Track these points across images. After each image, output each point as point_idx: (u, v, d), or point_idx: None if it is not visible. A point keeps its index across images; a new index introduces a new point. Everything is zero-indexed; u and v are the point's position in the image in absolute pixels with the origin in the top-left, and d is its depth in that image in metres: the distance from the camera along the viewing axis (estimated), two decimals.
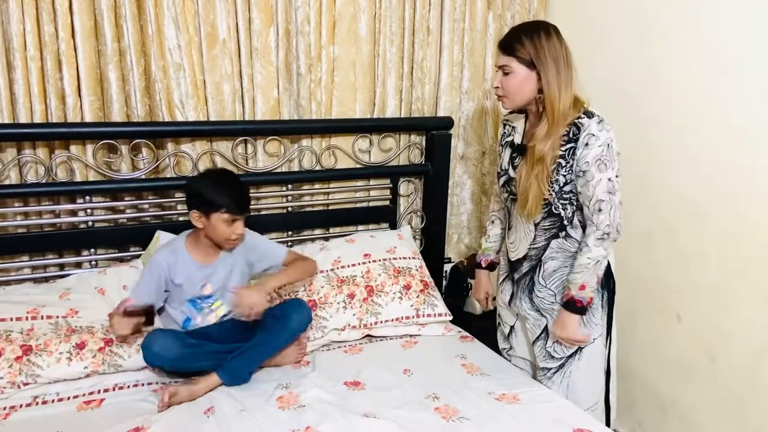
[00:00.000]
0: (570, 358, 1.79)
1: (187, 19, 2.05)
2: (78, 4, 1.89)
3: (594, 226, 1.64)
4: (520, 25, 1.73)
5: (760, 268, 1.88)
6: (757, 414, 1.92)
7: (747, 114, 1.87)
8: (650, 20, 2.16)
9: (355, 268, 2.20)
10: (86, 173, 2.03)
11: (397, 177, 2.51)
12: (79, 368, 1.72)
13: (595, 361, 1.80)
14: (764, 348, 1.89)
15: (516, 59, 1.64)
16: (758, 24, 1.81)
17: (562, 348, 1.78)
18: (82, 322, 1.81)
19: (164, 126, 2.06)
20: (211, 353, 1.78)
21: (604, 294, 1.77)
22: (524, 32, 1.65)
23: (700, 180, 2.03)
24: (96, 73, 1.97)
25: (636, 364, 2.30)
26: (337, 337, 2.07)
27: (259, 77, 2.20)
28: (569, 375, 1.80)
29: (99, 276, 1.97)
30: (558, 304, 1.76)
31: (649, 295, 2.23)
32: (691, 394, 2.12)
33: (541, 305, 1.80)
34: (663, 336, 2.20)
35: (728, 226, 1.96)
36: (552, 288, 1.77)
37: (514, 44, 1.64)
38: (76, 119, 1.97)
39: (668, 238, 2.15)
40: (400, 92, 2.47)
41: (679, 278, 2.12)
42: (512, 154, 1.81)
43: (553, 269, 1.76)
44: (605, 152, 1.60)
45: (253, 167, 2.26)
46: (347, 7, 2.28)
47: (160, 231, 2.06)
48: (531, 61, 1.62)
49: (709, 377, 2.05)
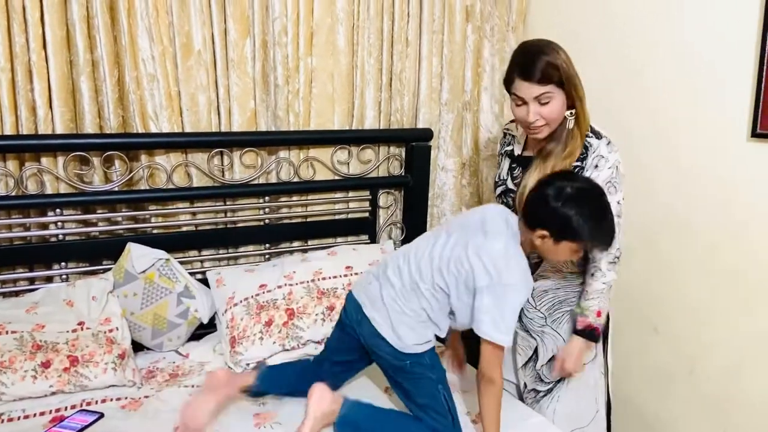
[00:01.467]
0: (559, 382, 1.76)
1: (161, 29, 2.03)
2: (50, 15, 1.87)
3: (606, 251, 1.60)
4: (537, 49, 1.58)
5: (738, 279, 1.88)
6: (736, 428, 1.90)
7: (729, 125, 1.87)
8: (631, 31, 2.17)
9: (336, 280, 2.17)
10: (57, 186, 2.00)
11: (377, 189, 2.50)
12: (44, 387, 1.69)
13: (584, 387, 1.76)
14: (743, 360, 1.88)
15: (553, 85, 1.54)
16: (741, 33, 1.82)
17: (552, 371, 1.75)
18: (48, 336, 1.77)
19: (138, 137, 2.03)
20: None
21: None
22: (546, 55, 1.54)
23: (680, 191, 2.03)
24: (68, 85, 1.94)
25: (616, 376, 2.28)
26: (314, 351, 2.04)
27: (235, 88, 2.18)
28: (558, 399, 1.76)
29: (68, 288, 1.94)
30: (549, 326, 1.73)
31: (629, 308, 2.22)
32: (672, 406, 2.10)
33: (530, 326, 1.76)
34: (643, 348, 2.19)
35: (707, 238, 1.96)
36: (542, 310, 1.74)
37: (548, 71, 1.53)
38: (47, 131, 1.93)
39: (648, 250, 2.14)
40: (379, 104, 2.46)
41: (659, 290, 2.11)
42: (512, 165, 1.78)
43: (544, 289, 1.74)
44: (614, 174, 1.58)
45: (230, 179, 2.23)
46: (325, 18, 2.27)
47: (131, 243, 2.02)
48: (561, 80, 1.55)
49: (688, 390, 2.04)
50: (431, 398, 1.59)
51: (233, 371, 1.91)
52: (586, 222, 1.45)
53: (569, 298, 1.74)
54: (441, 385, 1.61)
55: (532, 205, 1.54)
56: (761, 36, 1.74)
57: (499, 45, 2.63)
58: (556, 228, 1.48)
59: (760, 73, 1.75)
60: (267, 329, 2.00)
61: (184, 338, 2.11)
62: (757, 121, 1.78)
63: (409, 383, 1.62)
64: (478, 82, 2.63)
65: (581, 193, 1.48)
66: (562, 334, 1.74)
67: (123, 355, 1.84)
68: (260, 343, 1.97)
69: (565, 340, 1.73)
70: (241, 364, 1.95)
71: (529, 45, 1.63)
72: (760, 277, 1.83)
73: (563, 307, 1.74)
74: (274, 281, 2.12)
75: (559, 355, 1.70)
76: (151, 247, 2.06)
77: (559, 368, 1.70)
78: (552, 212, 1.47)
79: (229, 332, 2.01)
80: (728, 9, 1.84)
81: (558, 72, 1.53)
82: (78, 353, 1.76)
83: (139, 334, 2.03)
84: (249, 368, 1.91)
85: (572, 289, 1.74)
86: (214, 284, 2.14)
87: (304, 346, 2.02)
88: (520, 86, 1.56)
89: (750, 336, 1.87)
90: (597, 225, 1.48)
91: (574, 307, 1.72)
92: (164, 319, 2.03)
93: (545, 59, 1.53)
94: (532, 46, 1.62)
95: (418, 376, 1.60)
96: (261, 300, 2.06)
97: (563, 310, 1.74)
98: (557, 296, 1.73)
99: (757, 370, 1.85)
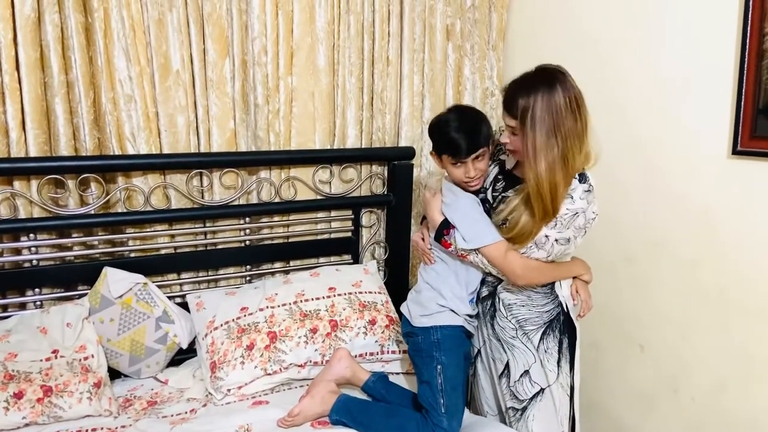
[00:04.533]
0: (532, 400, 1.73)
1: (138, 50, 2.00)
2: (23, 36, 1.83)
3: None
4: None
5: (718, 296, 1.88)
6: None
7: (710, 143, 1.88)
8: (609, 48, 2.18)
9: (319, 302, 2.14)
10: (31, 210, 1.95)
11: (359, 208, 2.47)
12: (17, 419, 1.63)
13: (550, 407, 1.73)
14: (725, 379, 1.88)
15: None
16: (720, 48, 1.83)
17: (525, 389, 1.73)
18: (20, 366, 1.71)
19: (115, 159, 1.99)
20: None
21: (563, 340, 1.72)
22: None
23: (661, 209, 2.03)
24: (42, 106, 1.90)
25: (600, 395, 2.27)
26: (297, 375, 2.00)
27: (214, 108, 2.15)
28: (533, 419, 1.73)
29: (41, 315, 1.88)
30: (519, 339, 1.71)
31: (612, 326, 2.22)
32: (656, 426, 2.08)
33: (502, 336, 1.75)
34: (627, 367, 2.18)
35: (687, 256, 1.96)
36: (512, 322, 1.72)
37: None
38: (20, 154, 1.88)
39: (629, 268, 2.14)
40: (360, 123, 2.44)
41: (642, 308, 2.11)
42: (497, 176, 1.76)
43: (509, 302, 1.72)
44: (569, 218, 1.58)
45: (209, 200, 2.20)
46: (305, 38, 2.26)
47: (108, 267, 1.97)
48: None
49: (672, 409, 2.03)
50: (431, 377, 1.70)
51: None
52: (435, 130, 1.72)
53: (533, 317, 1.72)
54: (441, 366, 1.69)
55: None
56: (740, 51, 1.75)
57: (479, 63, 2.64)
58: (433, 145, 1.73)
59: (740, 89, 1.76)
60: (248, 353, 1.95)
61: (163, 364, 2.06)
62: (737, 138, 1.78)
63: (417, 358, 1.78)
64: (459, 99, 2.63)
65: (441, 113, 1.76)
66: (531, 350, 1.72)
67: (99, 383, 1.78)
68: (241, 367, 1.93)
69: (535, 356, 1.71)
70: (221, 389, 1.90)
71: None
72: (742, 295, 1.83)
73: (527, 325, 1.72)
74: (255, 304, 2.08)
75: (513, 365, 1.73)
76: (129, 271, 2.01)
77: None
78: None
79: (209, 357, 1.96)
80: (707, 24, 1.86)
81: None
82: (52, 383, 1.70)
83: (116, 360, 1.98)
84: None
85: (537, 309, 1.72)
86: (194, 308, 2.10)
87: (286, 369, 1.98)
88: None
89: (729, 353, 1.87)
90: (441, 132, 1.69)
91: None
92: (142, 345, 1.98)
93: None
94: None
95: (425, 354, 1.73)
96: (242, 323, 2.02)
97: (528, 328, 1.72)
98: (521, 313, 1.72)
99: (740, 388, 1.85)
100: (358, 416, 1.73)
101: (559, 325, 1.72)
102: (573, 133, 1.52)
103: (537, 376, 1.72)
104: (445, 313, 1.74)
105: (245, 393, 1.92)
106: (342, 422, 1.73)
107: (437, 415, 1.66)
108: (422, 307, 1.77)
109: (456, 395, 1.70)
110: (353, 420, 1.73)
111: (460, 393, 1.73)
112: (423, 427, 1.67)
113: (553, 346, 1.70)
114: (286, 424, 1.71)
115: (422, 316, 1.76)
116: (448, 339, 1.73)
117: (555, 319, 1.73)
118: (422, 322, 1.76)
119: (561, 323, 1.72)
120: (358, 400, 1.81)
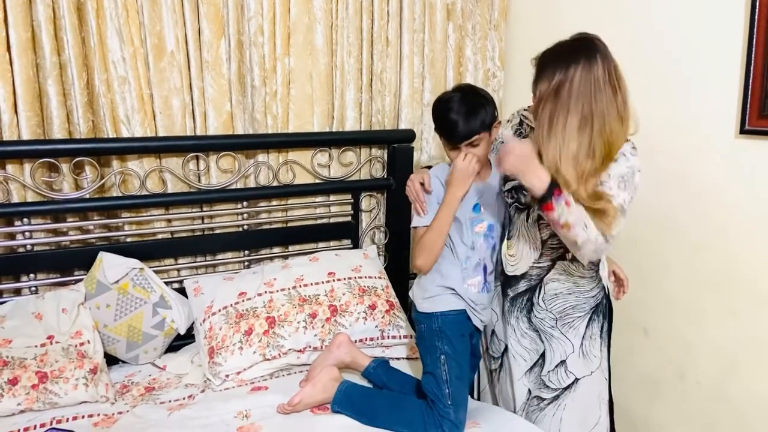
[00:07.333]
0: (566, 389, 1.69)
1: (131, 30, 1.96)
2: (13, 16, 1.79)
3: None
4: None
5: (726, 280, 1.85)
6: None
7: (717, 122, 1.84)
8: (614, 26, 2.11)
9: (318, 287, 2.11)
10: (24, 194, 1.91)
11: (359, 192, 2.44)
12: (12, 405, 1.61)
13: (590, 395, 1.70)
14: (733, 365, 1.85)
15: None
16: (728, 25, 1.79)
17: (559, 378, 1.68)
18: (15, 352, 1.69)
19: (109, 143, 1.96)
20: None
21: (603, 324, 1.69)
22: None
23: (667, 191, 1.99)
24: (34, 88, 1.87)
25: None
26: (296, 360, 1.98)
27: (210, 90, 2.11)
28: (564, 407, 1.69)
29: (36, 301, 1.86)
30: (558, 329, 1.66)
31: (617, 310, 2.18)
32: (662, 412, 2.06)
33: (541, 326, 1.69)
34: (633, 352, 2.15)
35: (693, 238, 1.92)
36: (553, 311, 1.67)
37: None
38: (12, 137, 1.85)
39: (635, 252, 2.10)
40: (359, 105, 2.40)
41: (646, 292, 2.08)
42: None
43: (555, 293, 1.67)
44: (629, 175, 1.53)
45: (206, 184, 2.16)
46: (302, 17, 2.21)
47: (104, 252, 1.94)
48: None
49: (679, 395, 2.00)
50: (434, 366, 1.67)
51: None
52: (435, 108, 1.68)
53: (580, 304, 1.67)
54: (444, 356, 1.66)
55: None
56: (748, 30, 1.71)
57: (481, 43, 2.58)
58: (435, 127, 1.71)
59: (748, 68, 1.72)
60: (247, 338, 1.93)
61: (160, 350, 2.04)
62: (745, 118, 1.75)
63: (422, 347, 1.75)
64: (460, 81, 2.58)
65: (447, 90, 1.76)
66: (572, 340, 1.68)
67: (95, 369, 1.76)
68: (240, 353, 1.90)
69: (574, 346, 1.68)
70: (220, 375, 1.88)
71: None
72: (751, 278, 1.79)
73: (575, 313, 1.67)
74: (253, 289, 2.05)
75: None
76: (125, 256, 1.99)
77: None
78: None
79: (207, 342, 1.94)
80: (715, 3, 1.81)
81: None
82: (47, 369, 1.68)
83: (113, 346, 1.95)
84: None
85: (584, 295, 1.67)
86: (192, 293, 2.08)
87: (285, 355, 1.96)
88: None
89: (737, 338, 1.84)
90: (439, 111, 1.66)
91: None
92: (139, 330, 1.96)
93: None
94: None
95: (428, 343, 1.71)
96: (240, 308, 1.99)
97: (575, 316, 1.68)
98: (568, 301, 1.67)
99: (749, 373, 1.82)
100: (361, 406, 1.69)
101: (603, 310, 1.68)
102: (612, 106, 1.46)
103: (574, 366, 1.68)
104: (445, 296, 1.70)
105: (244, 378, 1.90)
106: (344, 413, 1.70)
107: (443, 407, 1.61)
108: (423, 289, 1.73)
109: (462, 385, 1.67)
110: (356, 411, 1.69)
111: (465, 382, 1.70)
112: (428, 418, 1.62)
113: (596, 331, 1.67)
114: (287, 411, 1.69)
115: (424, 299, 1.72)
116: (451, 327, 1.69)
117: (600, 304, 1.69)
118: (424, 307, 1.72)
119: (604, 307, 1.69)
120: (359, 387, 1.77)
